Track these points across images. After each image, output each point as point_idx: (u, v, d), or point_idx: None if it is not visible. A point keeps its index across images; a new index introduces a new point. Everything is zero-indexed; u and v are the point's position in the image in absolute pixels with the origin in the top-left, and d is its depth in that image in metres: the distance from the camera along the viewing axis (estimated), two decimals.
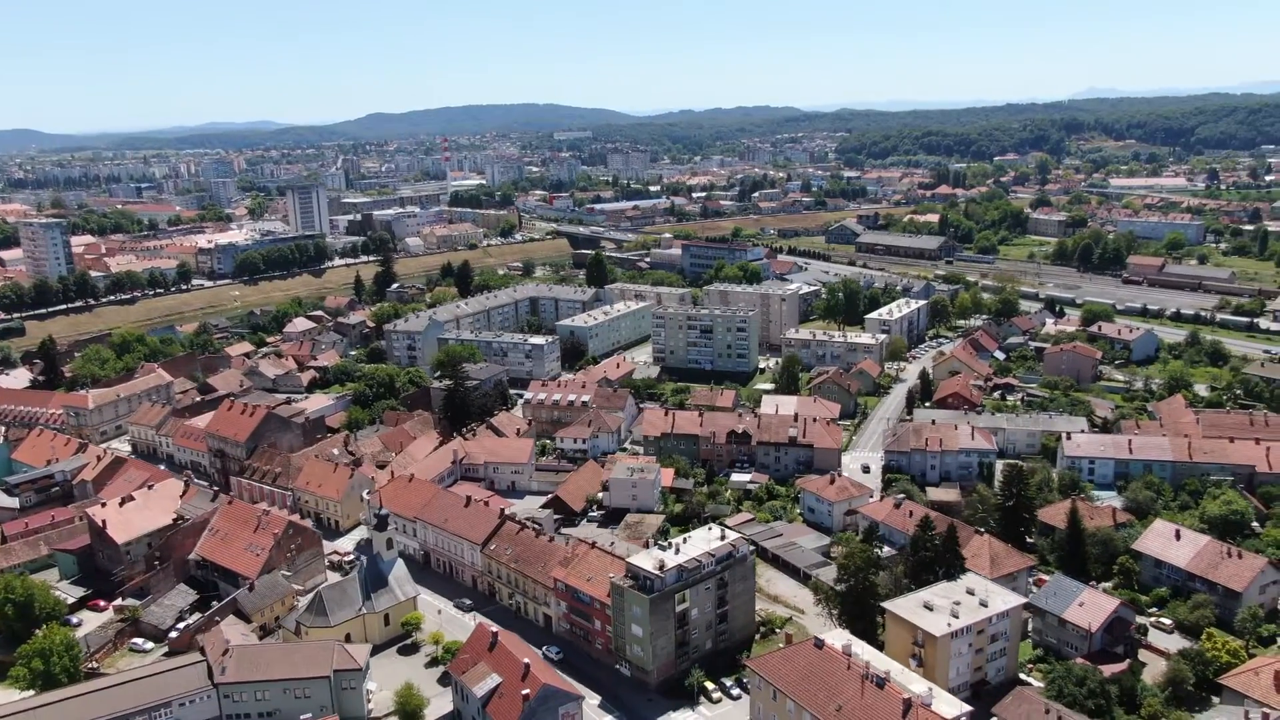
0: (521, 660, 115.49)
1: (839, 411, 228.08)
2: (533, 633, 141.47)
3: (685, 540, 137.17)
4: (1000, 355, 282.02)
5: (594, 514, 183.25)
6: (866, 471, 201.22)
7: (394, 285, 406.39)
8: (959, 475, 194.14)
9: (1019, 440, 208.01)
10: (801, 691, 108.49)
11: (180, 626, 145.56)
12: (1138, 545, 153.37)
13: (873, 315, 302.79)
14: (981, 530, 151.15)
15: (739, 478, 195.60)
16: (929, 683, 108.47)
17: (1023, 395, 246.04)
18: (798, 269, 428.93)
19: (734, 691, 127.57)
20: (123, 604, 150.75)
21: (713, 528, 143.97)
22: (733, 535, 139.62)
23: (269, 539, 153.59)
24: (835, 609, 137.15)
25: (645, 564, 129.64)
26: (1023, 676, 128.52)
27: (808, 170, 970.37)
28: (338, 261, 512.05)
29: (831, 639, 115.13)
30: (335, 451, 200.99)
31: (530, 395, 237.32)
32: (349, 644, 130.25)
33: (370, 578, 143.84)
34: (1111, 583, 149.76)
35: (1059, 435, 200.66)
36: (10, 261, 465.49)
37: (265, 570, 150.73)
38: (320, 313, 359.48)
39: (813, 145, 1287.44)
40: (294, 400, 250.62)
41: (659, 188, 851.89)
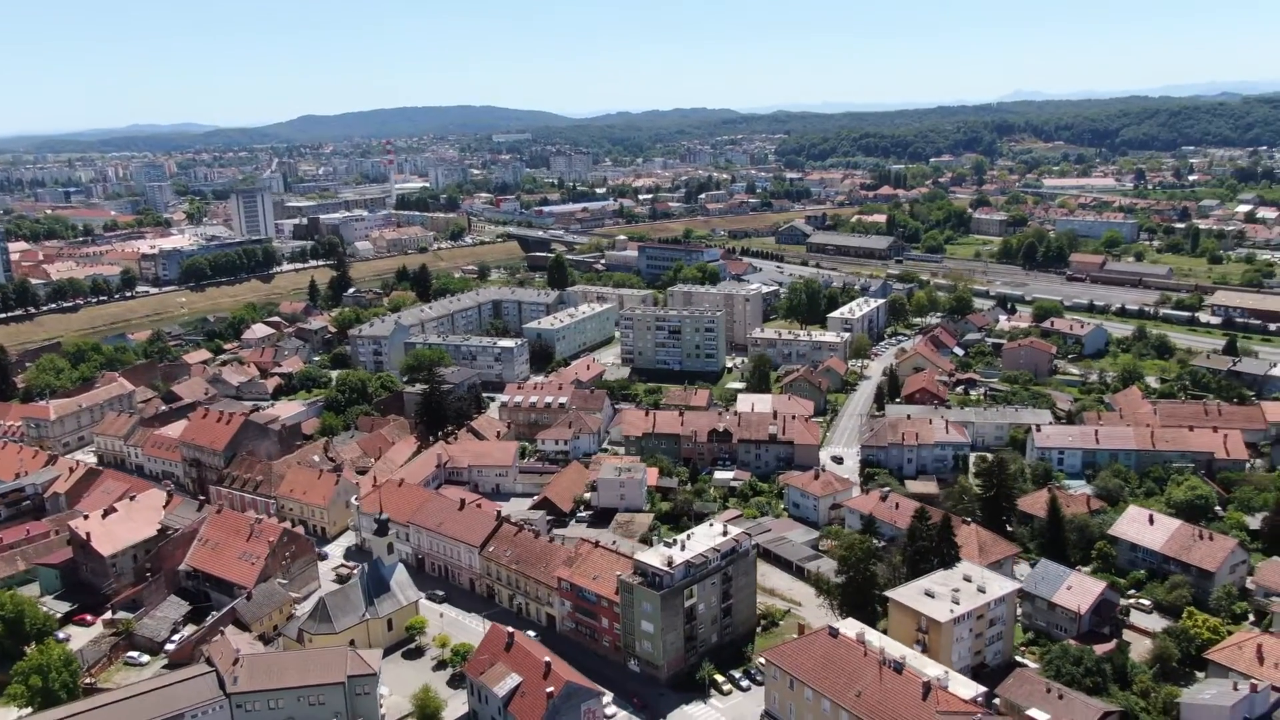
0: (542, 659, 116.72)
1: (813, 408, 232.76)
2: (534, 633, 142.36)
3: (689, 536, 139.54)
4: (959, 351, 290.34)
5: (582, 514, 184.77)
6: (839, 463, 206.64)
7: (350, 290, 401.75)
8: (934, 468, 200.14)
9: (988, 433, 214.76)
10: (820, 679, 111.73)
11: (175, 638, 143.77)
12: (1113, 530, 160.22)
13: (835, 314, 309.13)
14: (968, 520, 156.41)
15: (722, 475, 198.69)
16: (943, 666, 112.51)
17: (985, 390, 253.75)
18: (752, 270, 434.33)
19: (743, 683, 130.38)
20: (114, 617, 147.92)
21: (714, 524, 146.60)
22: (735, 530, 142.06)
23: (264, 547, 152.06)
24: (836, 600, 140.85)
25: (654, 561, 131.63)
26: (1018, 659, 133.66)
27: (750, 172, 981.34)
28: (286, 266, 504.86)
29: (844, 628, 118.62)
30: (316, 458, 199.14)
31: (507, 398, 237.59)
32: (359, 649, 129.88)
33: (372, 583, 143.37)
34: (1090, 567, 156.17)
35: (1026, 427, 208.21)
36: None
37: (262, 579, 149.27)
38: (277, 318, 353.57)
39: (752, 147, 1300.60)
40: (261, 407, 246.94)
41: (605, 190, 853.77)
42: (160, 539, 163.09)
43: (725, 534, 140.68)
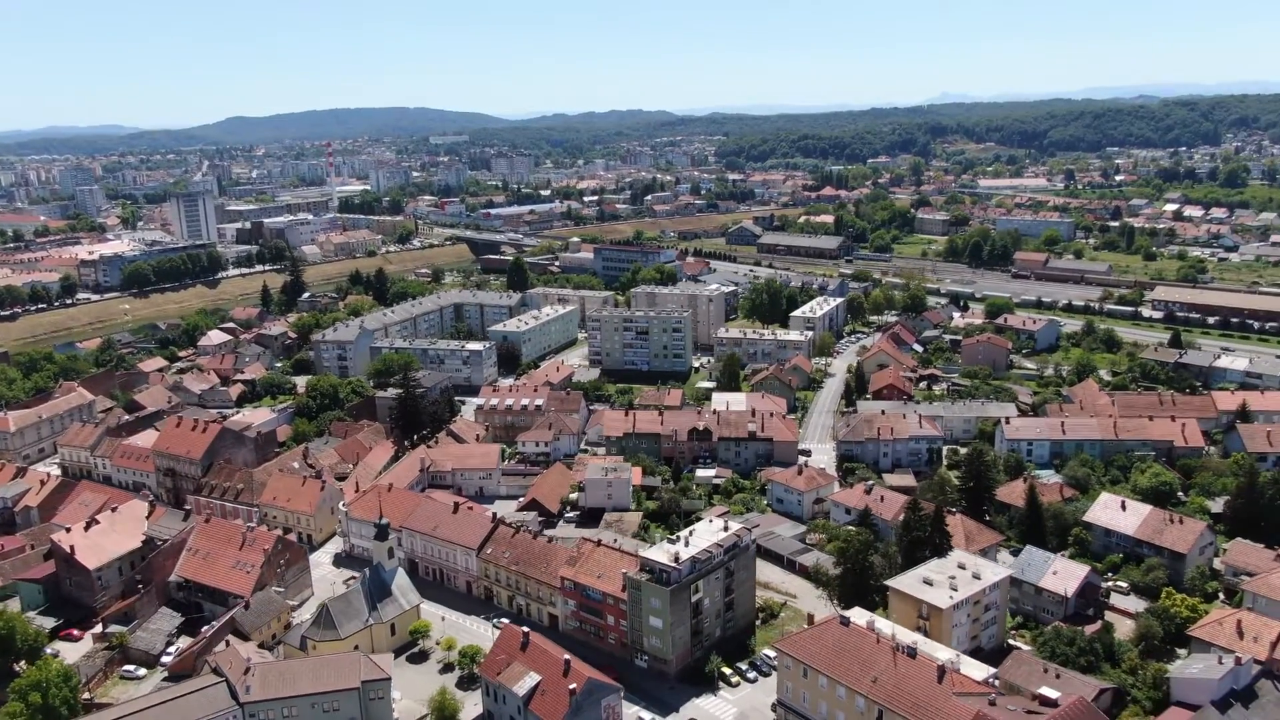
0: (561, 657, 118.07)
1: (785, 406, 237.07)
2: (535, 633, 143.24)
3: (692, 533, 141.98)
4: (918, 348, 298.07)
5: (570, 515, 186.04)
6: (807, 456, 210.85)
7: (305, 295, 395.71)
8: (909, 461, 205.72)
9: (956, 426, 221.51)
10: (834, 667, 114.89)
11: (171, 650, 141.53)
12: (1088, 517, 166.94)
13: (797, 313, 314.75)
14: (953, 510, 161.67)
15: (704, 473, 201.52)
16: (952, 650, 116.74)
17: (948, 385, 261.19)
18: (708, 270, 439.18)
19: (750, 675, 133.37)
20: (105, 632, 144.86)
21: (713, 520, 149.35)
22: (736, 525, 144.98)
23: (259, 555, 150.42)
24: (835, 591, 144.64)
25: (660, 557, 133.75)
26: (1010, 642, 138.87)
27: (693, 173, 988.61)
28: (233, 271, 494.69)
29: (854, 617, 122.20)
30: (296, 465, 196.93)
31: (483, 401, 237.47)
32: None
33: (374, 588, 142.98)
34: (1067, 552, 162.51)
35: (994, 420, 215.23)
36: None
37: (258, 587, 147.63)
38: (232, 324, 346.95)
39: (692, 149, 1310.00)
40: (226, 415, 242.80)
41: (549, 192, 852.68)
42: (146, 550, 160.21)
43: (726, 529, 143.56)
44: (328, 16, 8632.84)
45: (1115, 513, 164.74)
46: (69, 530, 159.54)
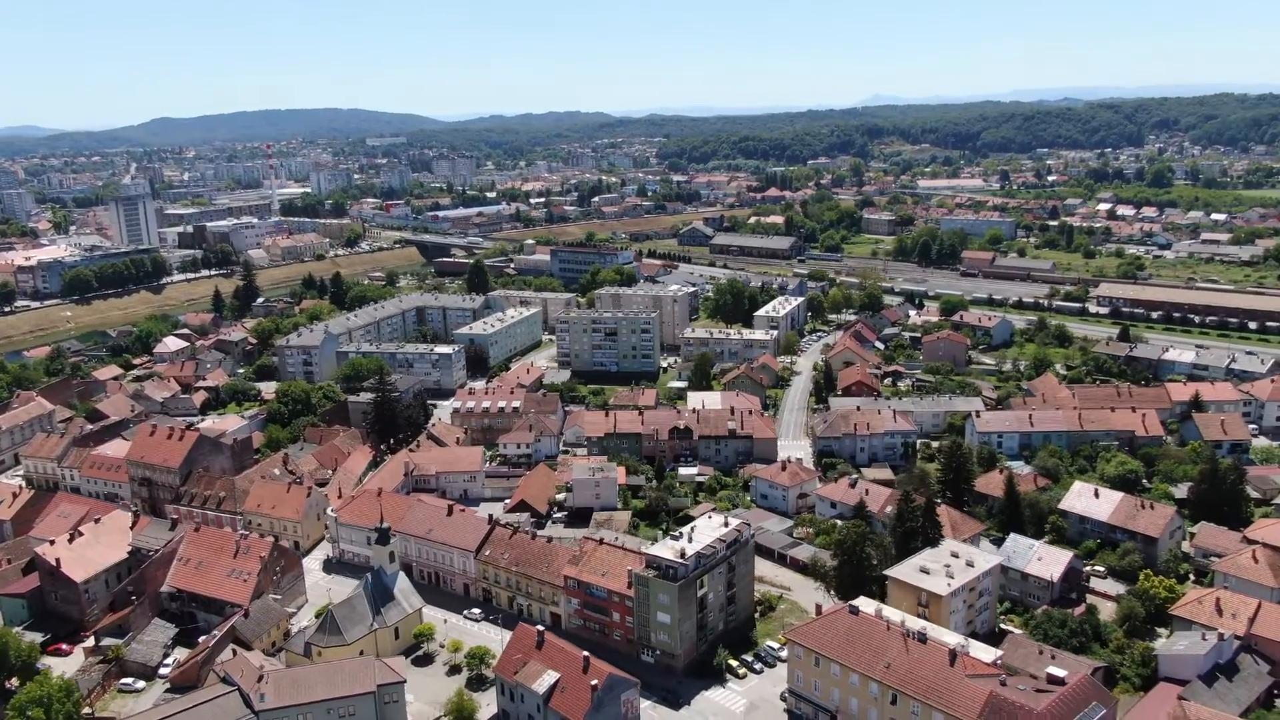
0: (579, 654, 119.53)
1: (758, 404, 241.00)
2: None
3: (693, 529, 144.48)
4: (880, 345, 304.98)
5: (558, 515, 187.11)
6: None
7: (259, 300, 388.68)
8: (885, 456, 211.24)
9: (926, 421, 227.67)
10: (846, 654, 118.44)
11: (169, 662, 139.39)
12: (1063, 505, 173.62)
13: (761, 312, 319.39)
14: (938, 501, 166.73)
15: (687, 471, 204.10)
16: (959, 635, 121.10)
17: (912, 381, 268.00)
18: (665, 271, 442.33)
19: (756, 666, 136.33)
20: (98, 645, 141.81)
21: (712, 516, 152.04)
22: (735, 521, 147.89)
23: (255, 563, 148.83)
24: (832, 583, 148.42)
25: (666, 554, 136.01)
26: (1001, 626, 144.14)
27: (637, 175, 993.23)
28: (177, 276, 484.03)
29: (862, 605, 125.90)
30: (276, 471, 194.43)
31: (460, 404, 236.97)
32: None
33: (377, 593, 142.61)
34: (1045, 539, 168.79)
35: (963, 414, 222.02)
36: None
37: (256, 595, 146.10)
38: (187, 330, 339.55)
39: (633, 150, 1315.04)
40: (193, 423, 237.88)
41: (495, 194, 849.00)
42: (132, 561, 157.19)
43: (726, 525, 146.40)
44: (251, 12, 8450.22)
45: (1089, 500, 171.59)
46: (53, 543, 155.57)
